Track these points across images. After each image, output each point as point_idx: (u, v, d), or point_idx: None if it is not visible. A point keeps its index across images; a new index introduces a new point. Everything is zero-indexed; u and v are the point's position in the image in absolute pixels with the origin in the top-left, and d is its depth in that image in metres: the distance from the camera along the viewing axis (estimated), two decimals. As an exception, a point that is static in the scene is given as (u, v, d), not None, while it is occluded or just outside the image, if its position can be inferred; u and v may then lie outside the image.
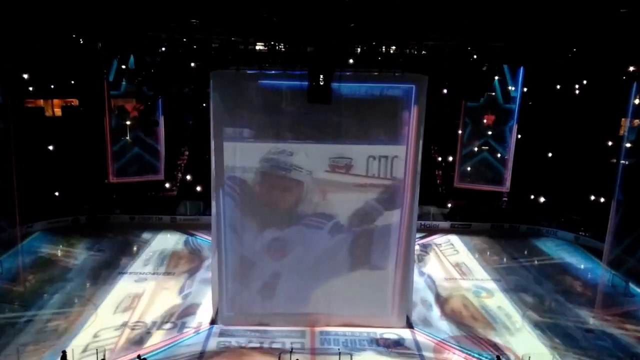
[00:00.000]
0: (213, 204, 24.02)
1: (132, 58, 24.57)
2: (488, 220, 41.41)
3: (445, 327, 25.62)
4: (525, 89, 40.24)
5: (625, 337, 24.64)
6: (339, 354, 21.41)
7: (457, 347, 23.62)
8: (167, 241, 37.32)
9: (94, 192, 40.52)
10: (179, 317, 25.75)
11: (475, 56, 23.20)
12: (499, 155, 41.68)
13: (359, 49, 22.67)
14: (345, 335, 24.23)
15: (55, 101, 42.26)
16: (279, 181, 23.75)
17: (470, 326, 25.70)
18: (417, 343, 23.94)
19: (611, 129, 36.98)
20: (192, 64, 23.42)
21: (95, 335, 23.53)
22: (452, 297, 29.04)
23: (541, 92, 40.29)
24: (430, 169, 43.42)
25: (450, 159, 45.01)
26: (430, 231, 40.03)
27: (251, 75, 22.60)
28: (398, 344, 23.80)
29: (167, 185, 43.38)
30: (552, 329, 25.56)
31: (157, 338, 23.68)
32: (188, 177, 43.10)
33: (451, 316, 26.79)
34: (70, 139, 39.90)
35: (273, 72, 22.56)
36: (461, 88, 24.06)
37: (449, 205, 42.58)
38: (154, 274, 31.16)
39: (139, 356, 20.36)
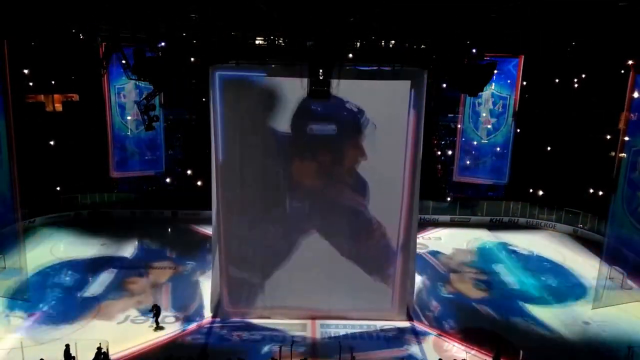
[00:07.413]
0: (213, 198, 24.17)
1: (132, 53, 24.61)
2: (487, 214, 41.64)
3: (445, 319, 25.83)
4: (524, 83, 40.30)
5: (623, 328, 24.90)
6: (340, 346, 21.59)
7: (458, 339, 23.86)
8: (168, 235, 37.55)
9: (96, 186, 40.71)
10: (181, 310, 25.96)
11: (474, 50, 23.26)
12: (498, 149, 41.79)
13: (358, 44, 22.72)
14: (345, 327, 24.43)
15: (56, 96, 42.35)
16: (279, 176, 23.90)
17: (470, 318, 25.93)
18: (417, 335, 24.17)
19: (610, 122, 37.03)
20: (192, 59, 23.45)
21: (97, 329, 23.77)
22: (452, 290, 29.25)
23: (540, 86, 40.34)
24: (430, 163, 43.53)
25: (450, 152, 45.15)
26: (430, 225, 40.19)
27: (251, 71, 22.70)
28: (398, 336, 24.04)
29: (168, 179, 43.54)
30: (550, 321, 25.80)
31: (160, 332, 23.90)
32: (189, 172, 43.22)
33: (451, 309, 27.00)
34: (71, 133, 40.05)
35: (273, 66, 22.66)
36: (460, 82, 24.14)
37: (449, 199, 42.76)
38: (155, 268, 31.36)
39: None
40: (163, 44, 23.02)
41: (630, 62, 30.49)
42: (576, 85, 39.28)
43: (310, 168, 23.88)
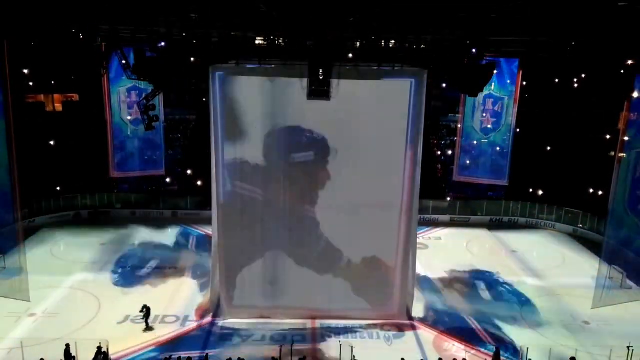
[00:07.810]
0: (213, 198, 24.17)
1: (132, 53, 24.66)
2: (487, 214, 41.66)
3: (445, 319, 25.86)
4: (524, 83, 40.32)
5: (623, 327, 24.90)
6: (340, 346, 21.58)
7: (457, 339, 23.86)
8: (169, 236, 37.56)
9: (96, 186, 40.74)
10: (182, 310, 25.97)
11: (474, 50, 23.25)
12: (497, 148, 41.80)
13: (358, 43, 22.72)
14: (346, 327, 24.42)
15: (56, 96, 42.31)
16: (280, 175, 23.90)
17: (470, 318, 25.93)
18: (417, 335, 24.18)
19: (609, 122, 37.09)
20: (192, 59, 23.47)
21: (98, 329, 23.77)
22: (452, 290, 29.25)
23: (540, 86, 40.35)
24: (430, 163, 43.55)
25: (450, 152, 45.17)
26: (430, 224, 40.21)
27: (251, 71, 22.70)
28: (398, 336, 24.04)
29: (167, 179, 43.57)
30: (549, 321, 25.81)
31: (160, 332, 23.91)
32: (189, 172, 43.24)
33: (451, 308, 27.01)
34: (71, 133, 40.06)
35: (273, 66, 22.65)
36: (461, 82, 24.15)
37: (449, 198, 42.78)
38: (155, 268, 31.37)
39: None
40: (163, 44, 23.00)
41: (630, 62, 30.49)
42: (576, 85, 39.23)
43: (309, 168, 23.86)
